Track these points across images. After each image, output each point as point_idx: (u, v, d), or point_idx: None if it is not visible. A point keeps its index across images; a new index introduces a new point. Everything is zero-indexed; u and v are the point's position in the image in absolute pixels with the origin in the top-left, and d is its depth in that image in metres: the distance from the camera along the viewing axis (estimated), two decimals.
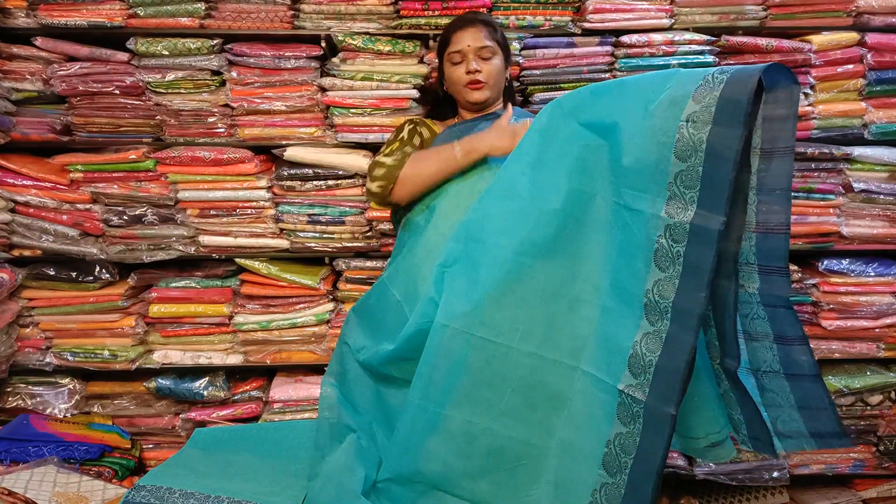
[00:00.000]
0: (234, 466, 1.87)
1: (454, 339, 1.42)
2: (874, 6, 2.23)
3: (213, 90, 2.26)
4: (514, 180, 1.47)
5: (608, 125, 1.34)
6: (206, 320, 2.37)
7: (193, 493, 1.65)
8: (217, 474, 1.80)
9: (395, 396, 1.63)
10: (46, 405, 2.36)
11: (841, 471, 2.47)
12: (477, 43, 1.74)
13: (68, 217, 2.27)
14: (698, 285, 1.18)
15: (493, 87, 1.78)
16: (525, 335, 1.40)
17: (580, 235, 1.38)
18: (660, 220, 1.23)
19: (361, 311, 1.82)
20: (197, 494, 1.65)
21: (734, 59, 2.22)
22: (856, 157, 2.27)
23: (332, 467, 1.54)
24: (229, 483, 1.73)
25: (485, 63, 1.75)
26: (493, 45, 1.76)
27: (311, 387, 2.38)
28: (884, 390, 2.41)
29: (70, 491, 2.04)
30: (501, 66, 1.79)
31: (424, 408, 1.47)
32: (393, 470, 1.53)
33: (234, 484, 1.73)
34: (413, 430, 1.49)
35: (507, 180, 1.49)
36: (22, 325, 2.34)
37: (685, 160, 1.19)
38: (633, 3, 2.23)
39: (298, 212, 2.31)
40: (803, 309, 2.34)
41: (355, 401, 1.68)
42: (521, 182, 1.46)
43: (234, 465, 1.88)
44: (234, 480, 1.76)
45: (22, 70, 2.22)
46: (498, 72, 1.78)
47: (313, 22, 2.23)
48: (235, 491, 1.69)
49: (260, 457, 1.93)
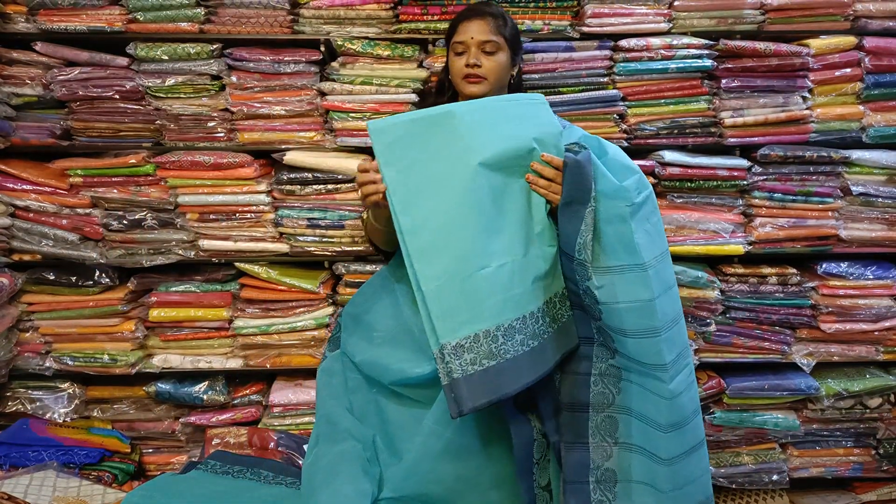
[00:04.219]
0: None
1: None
2: (872, 10, 2.24)
3: (212, 95, 2.26)
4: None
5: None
6: (206, 324, 2.37)
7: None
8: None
9: (397, 412, 1.58)
10: (46, 409, 2.36)
11: (840, 474, 2.47)
12: (481, 36, 1.68)
13: (68, 221, 2.28)
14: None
15: (494, 83, 1.70)
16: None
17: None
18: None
19: (357, 314, 1.77)
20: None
21: (732, 63, 2.23)
22: (854, 161, 2.28)
23: (339, 482, 1.50)
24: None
25: (487, 57, 1.68)
26: (498, 39, 1.69)
27: (310, 391, 2.38)
28: (883, 393, 2.41)
29: (70, 495, 2.04)
30: (505, 63, 1.72)
31: (440, 434, 1.46)
32: (397, 490, 1.51)
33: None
34: (425, 454, 1.48)
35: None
36: (22, 330, 2.34)
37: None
38: (631, 7, 2.24)
39: (298, 216, 2.31)
40: (803, 312, 2.34)
41: (355, 411, 1.64)
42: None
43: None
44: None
45: (22, 75, 2.23)
46: (500, 68, 1.70)
47: (312, 26, 2.24)
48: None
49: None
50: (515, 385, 1.36)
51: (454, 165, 1.39)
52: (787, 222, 2.30)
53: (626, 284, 1.40)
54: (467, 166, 1.38)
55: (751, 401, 2.37)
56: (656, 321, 1.40)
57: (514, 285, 1.40)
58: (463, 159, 1.39)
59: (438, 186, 1.39)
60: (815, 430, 2.44)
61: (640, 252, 1.40)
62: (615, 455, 1.48)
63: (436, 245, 1.37)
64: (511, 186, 1.46)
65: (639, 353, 1.42)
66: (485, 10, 1.73)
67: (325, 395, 1.67)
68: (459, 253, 1.36)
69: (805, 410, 2.42)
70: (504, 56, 1.72)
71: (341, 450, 1.53)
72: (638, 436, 1.47)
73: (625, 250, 1.41)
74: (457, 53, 1.72)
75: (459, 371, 1.32)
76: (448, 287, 1.35)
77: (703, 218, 2.30)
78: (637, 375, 1.46)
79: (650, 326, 1.40)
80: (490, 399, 1.33)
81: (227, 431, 2.33)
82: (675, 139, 2.29)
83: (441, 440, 1.47)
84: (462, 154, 1.39)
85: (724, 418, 2.37)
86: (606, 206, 1.42)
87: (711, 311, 2.33)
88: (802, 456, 2.45)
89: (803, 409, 2.42)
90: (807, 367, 2.36)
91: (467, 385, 1.31)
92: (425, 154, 1.40)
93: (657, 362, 1.41)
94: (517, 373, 1.36)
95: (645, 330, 1.40)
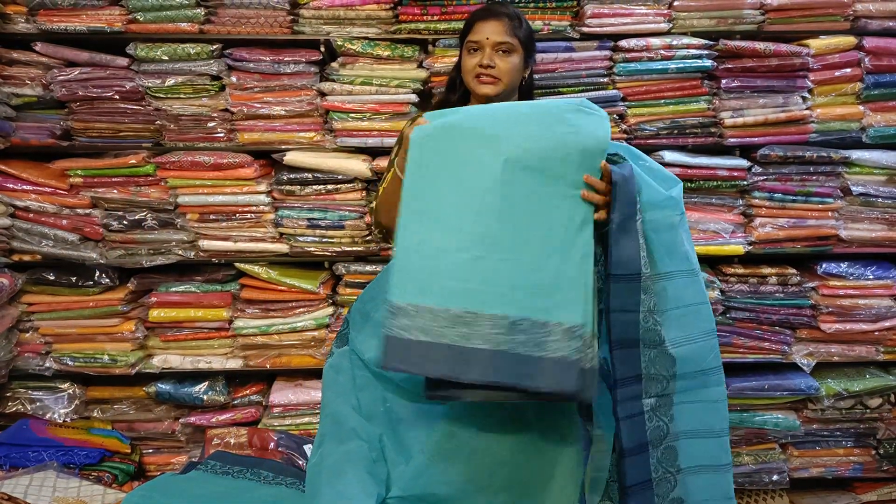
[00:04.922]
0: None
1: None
2: (872, 10, 2.24)
3: (212, 95, 2.26)
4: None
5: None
6: (206, 325, 2.37)
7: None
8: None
9: (406, 410, 1.57)
10: (46, 410, 2.36)
11: (841, 474, 2.47)
12: (497, 37, 1.67)
13: (68, 222, 2.28)
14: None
15: (507, 84, 1.70)
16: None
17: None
18: None
19: (365, 310, 1.75)
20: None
21: (732, 63, 2.23)
22: (854, 161, 2.28)
23: (344, 483, 1.48)
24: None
25: (501, 59, 1.68)
26: (513, 41, 1.69)
27: (310, 391, 2.38)
28: (883, 393, 2.41)
29: (70, 496, 2.04)
30: (519, 64, 1.71)
31: (453, 434, 1.46)
32: (406, 489, 1.50)
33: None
34: (437, 454, 1.48)
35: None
36: (22, 330, 2.35)
37: None
38: (631, 8, 2.24)
39: (298, 216, 2.31)
40: (803, 312, 2.34)
41: (363, 409, 1.64)
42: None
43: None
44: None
45: (22, 75, 2.23)
46: (514, 69, 1.70)
47: (312, 27, 2.24)
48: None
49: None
50: (441, 371, 1.35)
51: (481, 155, 1.39)
52: (787, 222, 2.30)
53: (679, 290, 1.43)
54: (494, 156, 1.38)
55: (751, 401, 2.37)
56: (712, 324, 1.46)
57: (486, 281, 1.37)
58: (492, 149, 1.39)
59: (458, 165, 1.40)
60: (816, 431, 2.44)
61: (690, 258, 1.45)
62: (679, 483, 1.48)
63: (429, 213, 1.38)
64: (538, 192, 1.39)
65: (696, 358, 1.44)
66: (501, 11, 1.72)
67: (331, 392, 1.66)
68: (446, 228, 1.37)
69: (805, 410, 2.42)
70: (518, 58, 1.71)
71: (347, 450, 1.52)
72: (699, 455, 1.50)
73: (673, 257, 1.44)
74: (470, 52, 1.71)
75: (393, 330, 1.36)
76: (417, 253, 1.37)
77: (703, 218, 2.30)
78: (688, 393, 1.47)
79: (708, 329, 1.45)
80: (405, 368, 1.37)
81: (227, 432, 2.33)
82: (675, 139, 2.29)
83: (453, 440, 1.46)
84: (492, 145, 1.39)
85: None
86: (655, 216, 1.43)
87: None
88: (802, 456, 2.45)
89: (803, 409, 2.42)
90: (807, 367, 2.36)
91: (390, 345, 1.35)
92: (457, 142, 1.42)
93: (713, 365, 1.45)
94: (450, 362, 1.35)
95: (702, 333, 1.45)
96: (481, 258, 1.37)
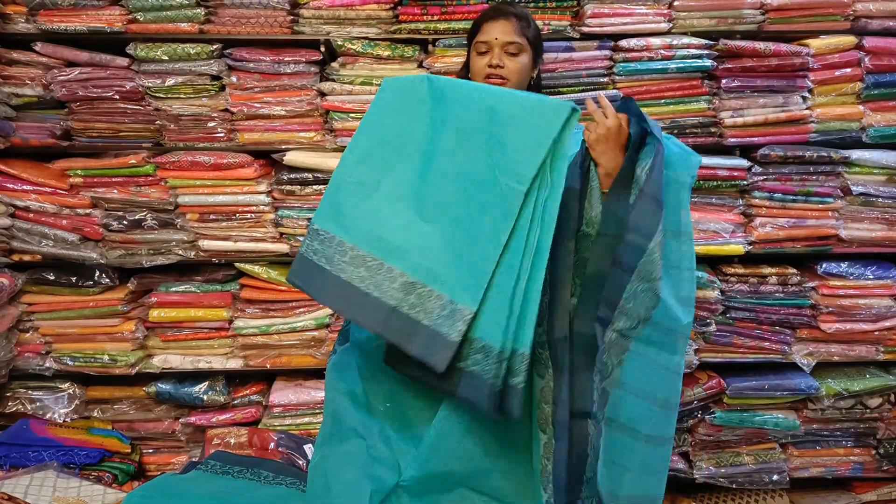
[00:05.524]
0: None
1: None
2: (872, 10, 2.24)
3: (212, 95, 2.26)
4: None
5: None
6: (206, 325, 2.37)
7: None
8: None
9: (414, 393, 1.57)
10: (46, 410, 2.36)
11: (840, 473, 2.47)
12: (505, 37, 1.68)
13: (68, 222, 2.28)
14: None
15: (516, 84, 1.70)
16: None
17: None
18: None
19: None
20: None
21: (732, 63, 2.23)
22: (854, 161, 2.28)
23: (343, 484, 1.49)
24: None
25: (510, 59, 1.68)
26: (522, 41, 1.69)
27: (310, 391, 2.38)
28: (883, 393, 2.41)
29: (70, 496, 2.04)
30: (527, 65, 1.72)
31: (465, 409, 1.45)
32: (420, 469, 1.50)
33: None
34: (451, 428, 1.47)
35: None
36: (22, 330, 2.35)
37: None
38: (631, 8, 2.24)
39: (298, 216, 2.31)
40: (803, 312, 2.34)
41: (369, 401, 1.64)
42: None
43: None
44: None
45: (22, 75, 2.23)
46: (523, 69, 1.70)
47: (312, 27, 2.24)
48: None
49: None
50: (334, 304, 1.44)
51: (448, 116, 1.44)
52: (787, 222, 2.30)
53: (682, 248, 1.39)
54: (458, 123, 1.42)
55: (751, 401, 2.37)
56: (693, 298, 1.39)
57: (402, 237, 1.38)
58: (461, 117, 1.43)
59: (420, 119, 1.46)
60: (816, 430, 2.44)
61: (690, 229, 1.40)
62: (604, 432, 1.39)
63: (375, 154, 1.46)
64: (488, 176, 1.38)
65: (676, 317, 1.33)
66: (510, 11, 1.73)
67: (333, 391, 1.65)
68: (385, 173, 1.44)
69: (805, 410, 2.42)
70: (527, 58, 1.72)
71: (347, 451, 1.53)
72: (631, 415, 1.37)
73: (683, 216, 1.39)
74: (479, 53, 1.71)
75: (304, 247, 1.46)
76: (350, 185, 1.45)
77: (703, 218, 2.30)
78: (650, 348, 1.35)
79: (692, 298, 1.38)
80: (303, 287, 1.47)
81: (228, 432, 2.33)
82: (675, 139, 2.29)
83: (467, 413, 1.46)
84: (463, 113, 1.43)
85: (725, 418, 2.37)
86: (674, 171, 1.38)
87: (711, 311, 2.33)
88: (802, 456, 2.45)
89: (803, 408, 2.42)
90: (807, 367, 2.36)
91: (298, 262, 1.47)
92: (430, 101, 1.47)
93: (685, 333, 1.35)
94: (343, 298, 1.40)
95: (689, 300, 1.37)
96: (404, 213, 1.40)
